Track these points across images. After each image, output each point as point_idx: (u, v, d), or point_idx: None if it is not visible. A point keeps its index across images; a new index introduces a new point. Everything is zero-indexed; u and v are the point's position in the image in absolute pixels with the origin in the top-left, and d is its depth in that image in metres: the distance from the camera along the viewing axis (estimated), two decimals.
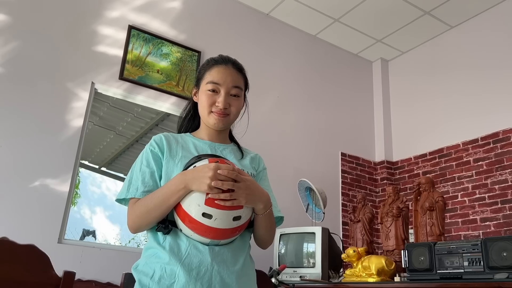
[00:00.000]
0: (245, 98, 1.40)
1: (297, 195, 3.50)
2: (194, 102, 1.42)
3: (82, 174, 3.34)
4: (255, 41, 4.07)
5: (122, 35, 3.35)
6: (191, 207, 1.12)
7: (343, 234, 3.89)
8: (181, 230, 1.16)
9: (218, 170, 1.09)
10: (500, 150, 3.53)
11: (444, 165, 3.94)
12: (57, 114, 2.93)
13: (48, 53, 3.01)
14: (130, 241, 3.66)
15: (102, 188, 4.35)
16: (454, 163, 3.85)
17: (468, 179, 3.70)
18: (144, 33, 3.44)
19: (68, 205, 2.83)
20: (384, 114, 4.59)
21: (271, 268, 2.97)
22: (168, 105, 3.45)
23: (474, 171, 3.68)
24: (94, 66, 3.17)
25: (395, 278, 2.49)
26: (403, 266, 2.39)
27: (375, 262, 2.53)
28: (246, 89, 1.41)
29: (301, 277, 2.86)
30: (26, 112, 2.83)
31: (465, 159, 3.77)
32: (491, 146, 3.60)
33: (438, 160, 4.00)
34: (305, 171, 3.82)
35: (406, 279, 2.38)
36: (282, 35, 4.26)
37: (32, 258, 1.20)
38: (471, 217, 3.58)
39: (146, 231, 1.24)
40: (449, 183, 3.84)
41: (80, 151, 2.98)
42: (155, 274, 1.12)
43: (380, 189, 4.37)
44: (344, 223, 3.98)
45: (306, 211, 3.45)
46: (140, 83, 3.32)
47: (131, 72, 3.29)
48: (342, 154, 4.27)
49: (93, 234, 3.67)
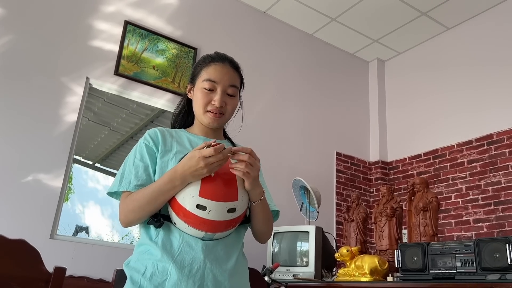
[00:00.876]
0: (239, 97, 1.39)
1: (291, 194, 3.50)
2: (188, 98, 1.41)
3: (75, 170, 3.32)
4: (252, 39, 4.05)
5: (118, 30, 3.32)
6: (186, 200, 1.11)
7: (337, 233, 3.90)
8: (175, 224, 1.15)
9: (204, 156, 1.07)
10: (494, 152, 3.54)
11: (438, 166, 3.95)
12: (51, 108, 2.91)
13: (42, 47, 2.98)
14: (123, 237, 3.65)
15: (96, 184, 4.33)
16: (448, 164, 3.86)
17: (461, 180, 3.71)
18: (140, 28, 3.42)
19: (60, 200, 2.81)
20: (379, 114, 4.60)
21: (264, 266, 2.96)
22: (163, 101, 3.43)
23: (468, 172, 3.69)
24: (89, 61, 3.15)
25: (388, 277, 2.49)
26: (396, 266, 2.40)
27: (368, 262, 2.53)
28: (241, 87, 1.40)
29: (294, 275, 2.86)
30: (20, 106, 2.80)
31: (459, 160, 3.78)
32: (485, 147, 3.61)
33: (432, 161, 4.01)
34: (299, 170, 3.82)
35: (399, 279, 2.39)
36: (279, 34, 4.25)
37: (22, 253, 1.18)
38: (464, 218, 3.60)
39: (138, 227, 1.23)
40: (443, 184, 3.85)
41: (73, 147, 2.95)
42: (147, 271, 1.12)
43: (374, 189, 4.38)
44: (338, 223, 3.98)
45: (300, 210, 3.45)
46: (135, 79, 3.30)
47: (127, 67, 3.28)
48: (337, 154, 4.27)
49: (86, 230, 3.66)
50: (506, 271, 1.92)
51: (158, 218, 1.15)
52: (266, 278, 2.66)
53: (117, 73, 3.22)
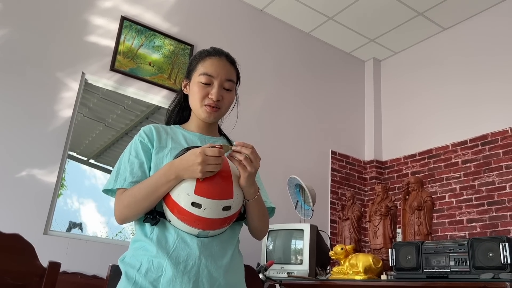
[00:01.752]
0: (236, 92, 1.39)
1: (286, 192, 3.50)
2: (183, 94, 1.40)
3: (70, 165, 3.30)
4: (249, 36, 4.05)
5: (114, 26, 3.31)
6: (181, 197, 1.10)
7: (331, 232, 3.91)
8: (169, 221, 1.15)
9: (205, 153, 1.07)
10: (488, 152, 3.56)
11: (432, 165, 3.97)
12: (45, 104, 2.89)
13: (38, 41, 2.96)
14: (117, 234, 3.64)
15: (90, 180, 4.31)
16: (443, 164, 3.88)
17: (456, 180, 3.73)
18: (136, 24, 3.40)
19: (55, 196, 2.79)
20: (375, 113, 4.61)
21: (259, 264, 2.96)
22: (159, 98, 3.42)
23: (462, 173, 3.71)
24: (85, 56, 3.13)
25: (382, 276, 2.50)
26: (390, 265, 2.40)
27: (363, 260, 2.53)
28: (237, 82, 1.40)
29: (288, 273, 2.86)
30: (14, 101, 2.78)
31: (453, 160, 3.80)
32: (480, 148, 3.63)
33: (427, 160, 4.03)
34: (295, 168, 3.82)
35: (393, 278, 2.40)
36: (275, 32, 4.25)
37: (16, 248, 1.18)
38: (458, 217, 3.62)
39: (134, 224, 1.23)
40: (437, 184, 3.87)
41: (68, 142, 2.94)
42: (142, 267, 1.11)
43: (369, 188, 4.39)
44: (332, 221, 3.99)
45: (295, 208, 3.45)
46: (131, 75, 3.28)
47: (123, 63, 3.26)
48: (332, 153, 4.28)
49: (80, 226, 3.64)
50: (499, 271, 1.93)
51: (154, 215, 1.15)
52: (261, 276, 2.66)
53: (113, 68, 3.21)
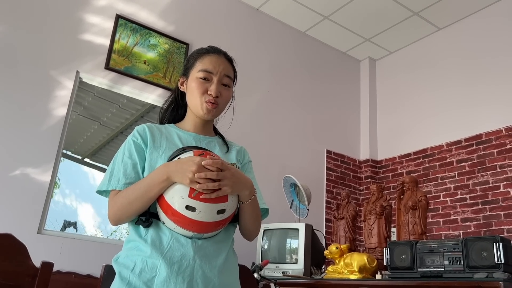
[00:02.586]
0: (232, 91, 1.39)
1: (282, 191, 3.50)
2: (179, 91, 1.40)
3: (64, 164, 3.28)
4: (244, 35, 4.04)
5: (109, 24, 3.29)
6: (174, 199, 1.09)
7: (326, 231, 3.91)
8: (163, 222, 1.14)
9: (202, 162, 1.07)
10: (482, 152, 3.58)
11: (427, 165, 3.98)
12: (40, 102, 2.87)
13: (32, 39, 2.94)
14: (112, 233, 3.62)
15: (85, 179, 4.29)
16: (438, 164, 3.89)
17: (450, 180, 3.74)
18: (131, 23, 3.38)
19: (49, 195, 2.78)
20: (370, 112, 4.62)
21: (254, 263, 2.96)
22: (154, 96, 3.41)
23: (456, 172, 3.72)
24: (80, 55, 3.11)
25: (377, 275, 2.50)
26: (385, 264, 2.41)
27: (357, 260, 2.54)
28: (234, 81, 1.40)
29: (283, 272, 2.86)
30: (8, 99, 2.76)
31: (448, 160, 3.82)
32: (474, 147, 3.65)
33: (422, 160, 4.04)
34: (290, 167, 3.82)
35: (388, 277, 2.40)
36: (271, 31, 4.25)
37: (8, 248, 1.17)
38: (452, 217, 3.63)
39: (128, 224, 1.22)
40: (432, 183, 3.88)
41: (63, 141, 2.92)
42: (136, 267, 1.10)
43: (364, 187, 4.40)
44: (327, 220, 3.99)
45: (291, 207, 3.46)
46: (126, 74, 3.27)
47: (118, 62, 3.24)
48: (328, 152, 4.28)
49: (74, 225, 3.62)
50: (493, 270, 1.95)
51: (147, 218, 1.14)
52: (256, 275, 2.66)
53: (107, 67, 3.19)
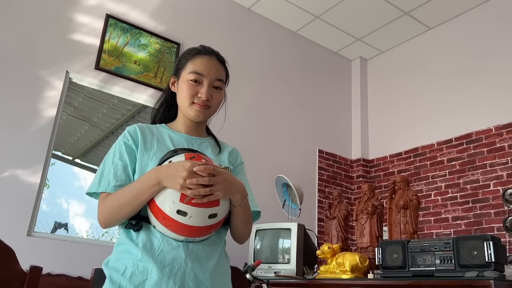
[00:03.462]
0: (224, 92, 1.38)
1: (274, 191, 3.50)
2: (170, 92, 1.38)
3: (55, 165, 3.25)
4: (236, 35, 4.03)
5: (99, 24, 3.26)
6: (166, 204, 1.08)
7: (319, 231, 3.92)
8: (154, 226, 1.13)
9: (194, 168, 1.05)
10: (472, 151, 3.60)
11: (418, 164, 4.00)
12: (29, 103, 2.84)
13: (21, 39, 2.90)
14: (103, 234, 3.60)
15: (76, 180, 4.25)
16: (429, 163, 3.92)
17: (441, 179, 3.77)
18: (122, 22, 3.36)
19: (38, 197, 2.75)
20: (361, 112, 4.64)
21: (246, 263, 2.96)
22: (145, 97, 3.38)
23: (447, 171, 3.75)
24: (69, 55, 3.08)
25: (369, 275, 2.51)
26: (377, 263, 2.42)
27: (349, 259, 2.54)
28: (226, 82, 1.38)
29: (275, 273, 2.86)
30: None
31: (439, 159, 3.84)
32: (464, 146, 3.67)
33: (413, 159, 4.06)
34: (282, 167, 3.82)
35: (379, 276, 2.41)
36: (262, 30, 4.24)
37: None
38: (443, 215, 3.66)
39: (118, 226, 1.20)
40: (423, 182, 3.90)
41: (52, 142, 2.89)
42: (127, 271, 1.09)
43: (355, 186, 4.41)
44: (319, 220, 4.00)
45: (283, 207, 3.45)
46: (116, 74, 3.24)
47: (108, 62, 3.22)
48: (320, 151, 4.29)
49: (65, 227, 3.59)
50: (483, 269, 1.96)
51: (137, 221, 1.13)
52: (248, 276, 2.65)
53: (98, 67, 3.16)
